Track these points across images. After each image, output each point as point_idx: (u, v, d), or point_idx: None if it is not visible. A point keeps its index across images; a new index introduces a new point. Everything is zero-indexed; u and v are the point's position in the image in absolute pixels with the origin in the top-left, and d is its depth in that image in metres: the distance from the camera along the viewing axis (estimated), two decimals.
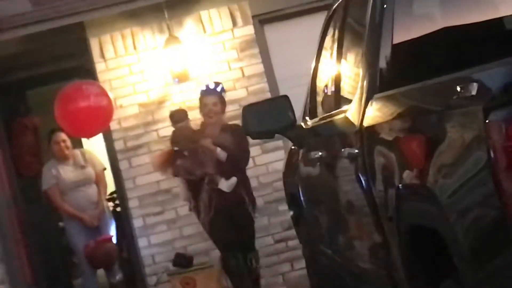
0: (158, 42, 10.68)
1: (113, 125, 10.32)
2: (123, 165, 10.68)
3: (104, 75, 10.59)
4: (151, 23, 10.68)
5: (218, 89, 8.84)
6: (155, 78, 10.68)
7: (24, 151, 11.66)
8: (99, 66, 10.67)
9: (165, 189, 10.38)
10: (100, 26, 10.68)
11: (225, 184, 8.74)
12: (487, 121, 3.18)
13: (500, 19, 4.79)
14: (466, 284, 3.68)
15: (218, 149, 8.50)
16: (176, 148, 8.78)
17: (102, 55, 10.71)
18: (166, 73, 10.64)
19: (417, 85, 4.19)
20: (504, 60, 3.37)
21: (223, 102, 9.04)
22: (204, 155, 8.60)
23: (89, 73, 10.64)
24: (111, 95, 10.15)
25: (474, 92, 3.34)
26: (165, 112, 10.63)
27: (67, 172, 10.17)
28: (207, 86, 8.90)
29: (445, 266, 3.94)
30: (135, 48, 10.71)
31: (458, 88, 3.48)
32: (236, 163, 8.87)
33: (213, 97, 8.68)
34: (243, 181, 9.23)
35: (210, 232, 9.18)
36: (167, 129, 10.61)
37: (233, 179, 8.79)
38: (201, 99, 9.45)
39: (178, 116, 8.92)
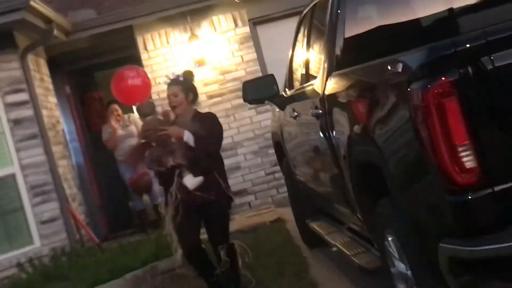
0: (184, 38, 10.61)
1: (153, 96, 10.30)
2: None
3: (147, 62, 10.55)
4: (179, 25, 10.62)
5: (177, 78, 6.01)
6: (181, 63, 10.61)
7: (92, 115, 11.71)
8: (143, 55, 10.62)
9: None
10: (144, 28, 10.62)
11: (189, 180, 5.73)
12: (409, 89, 3.19)
13: (416, 20, 4.77)
14: (396, 200, 3.72)
15: (186, 133, 5.67)
16: (143, 141, 6.15)
17: (145, 48, 10.67)
18: (189, 59, 10.57)
19: (361, 66, 4.20)
20: (419, 48, 3.38)
21: (185, 91, 5.95)
22: (174, 145, 5.79)
23: (136, 60, 10.59)
24: (150, 75, 10.11)
25: (400, 70, 3.36)
26: None
27: (118, 130, 10.20)
28: (167, 77, 6.14)
29: (381, 189, 3.97)
30: (168, 42, 10.67)
31: (389, 67, 3.50)
32: (206, 147, 5.78)
33: (172, 87, 5.91)
34: (218, 175, 5.96)
35: (176, 227, 5.90)
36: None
37: (199, 179, 5.75)
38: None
39: (146, 110, 6.29)
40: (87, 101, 12.00)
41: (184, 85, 5.95)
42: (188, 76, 6.19)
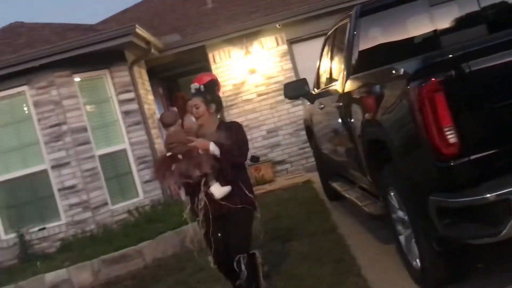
0: (241, 54, 10.58)
1: (220, 94, 10.28)
2: (225, 112, 10.71)
3: (215, 71, 10.48)
4: (237, 45, 10.59)
5: (198, 90, 4.46)
6: (239, 72, 10.61)
7: (177, 108, 11.73)
8: (212, 66, 10.60)
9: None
10: (213, 47, 10.61)
11: (217, 189, 4.21)
12: (408, 87, 3.15)
13: (410, 38, 4.69)
14: (397, 166, 3.67)
15: (211, 145, 4.15)
16: (168, 154, 4.29)
17: (214, 61, 10.65)
18: (245, 69, 10.56)
19: (371, 71, 4.14)
20: (415, 57, 3.33)
21: (207, 102, 4.41)
22: (200, 156, 4.17)
23: (207, 70, 10.58)
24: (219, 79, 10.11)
25: (401, 73, 3.31)
26: (245, 87, 10.65)
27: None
28: (191, 91, 4.56)
29: (385, 158, 3.93)
30: (229, 57, 10.64)
31: (393, 71, 3.45)
32: (232, 158, 4.19)
33: (194, 99, 4.37)
34: (242, 183, 4.32)
35: (204, 235, 4.34)
36: (248, 95, 10.68)
37: (226, 188, 4.21)
38: None
39: (168, 119, 4.66)
40: (173, 98, 12.00)
41: (205, 96, 4.41)
42: (210, 87, 4.54)
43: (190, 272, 5.70)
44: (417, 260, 3.79)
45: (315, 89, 6.65)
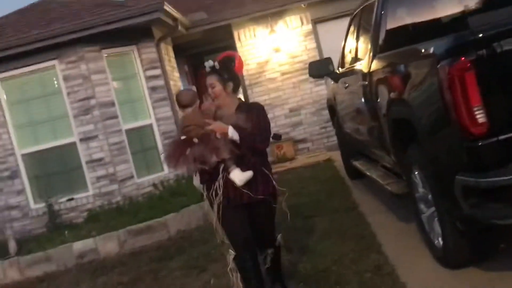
0: (265, 33, 10.49)
1: (244, 72, 10.26)
2: (249, 91, 10.67)
3: (240, 49, 10.46)
4: (262, 24, 10.50)
5: (213, 68, 3.73)
6: (264, 50, 10.53)
7: (202, 86, 11.69)
8: (238, 45, 10.54)
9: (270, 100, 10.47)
10: (239, 25, 10.54)
11: (237, 175, 3.62)
12: (438, 66, 3.08)
13: (438, 18, 4.58)
14: (423, 145, 3.60)
15: (230, 129, 3.54)
16: (183, 137, 3.70)
17: (239, 39, 10.59)
18: (269, 48, 10.47)
19: (399, 50, 4.06)
20: (445, 36, 3.25)
21: (223, 81, 3.71)
22: (217, 141, 3.58)
23: (233, 48, 10.51)
24: (243, 58, 10.01)
25: (431, 52, 3.23)
26: (269, 65, 10.56)
27: None
28: (205, 67, 3.78)
29: (410, 137, 3.87)
30: (255, 36, 10.57)
31: (423, 50, 3.37)
32: (252, 143, 3.61)
33: (209, 77, 3.71)
34: (265, 168, 3.76)
35: (223, 226, 3.74)
36: (271, 74, 10.60)
37: (248, 173, 3.63)
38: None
39: (185, 99, 4.00)
40: (199, 76, 12.00)
41: (221, 74, 3.73)
42: (226, 64, 3.80)
43: (213, 245, 5.73)
44: (439, 239, 3.75)
45: (340, 68, 6.57)
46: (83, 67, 8.23)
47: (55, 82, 8.40)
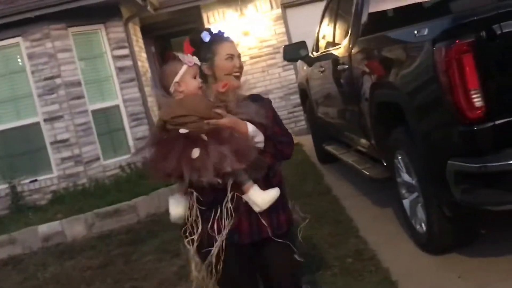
0: (235, 16, 10.23)
1: None
2: None
3: None
4: (232, 6, 10.23)
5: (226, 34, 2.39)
6: (232, 34, 10.23)
7: None
8: (206, 27, 10.29)
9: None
10: (207, 7, 10.24)
11: (260, 195, 2.10)
12: (434, 48, 2.93)
13: (422, 2, 4.43)
14: (411, 128, 3.45)
15: (250, 126, 2.08)
16: (184, 130, 1.98)
17: (208, 21, 10.29)
18: (238, 31, 10.20)
19: (387, 32, 3.87)
20: (440, 18, 3.10)
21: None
22: (239, 140, 2.02)
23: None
24: None
25: (425, 33, 3.07)
26: (238, 49, 10.31)
27: None
28: (218, 32, 2.38)
29: (393, 122, 3.73)
30: (224, 18, 10.29)
31: (416, 32, 3.21)
32: (280, 146, 2.20)
33: (227, 45, 2.36)
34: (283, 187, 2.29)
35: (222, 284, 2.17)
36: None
37: (274, 192, 2.15)
38: (216, 50, 2.39)
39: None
40: (165, 57, 11.66)
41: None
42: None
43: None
44: (422, 225, 3.64)
45: (314, 52, 6.39)
46: (49, 45, 7.79)
47: (19, 60, 7.94)
